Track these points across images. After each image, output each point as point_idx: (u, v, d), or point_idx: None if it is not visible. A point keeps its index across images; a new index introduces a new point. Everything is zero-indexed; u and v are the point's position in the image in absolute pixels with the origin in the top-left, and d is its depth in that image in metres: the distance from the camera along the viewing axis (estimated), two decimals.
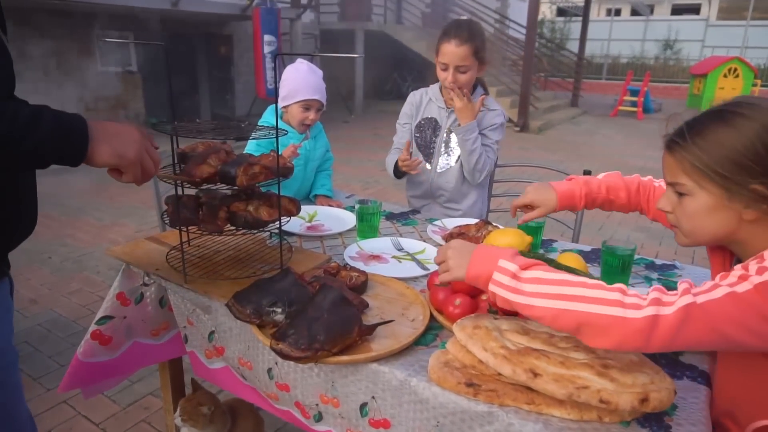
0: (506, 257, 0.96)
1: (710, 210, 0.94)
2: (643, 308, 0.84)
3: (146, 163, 1.09)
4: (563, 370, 0.92)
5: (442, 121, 2.12)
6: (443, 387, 1.01)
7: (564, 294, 0.89)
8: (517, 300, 0.93)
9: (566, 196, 1.42)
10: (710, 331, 0.82)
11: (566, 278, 0.91)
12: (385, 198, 5.30)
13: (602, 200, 1.44)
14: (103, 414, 2.14)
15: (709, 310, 0.83)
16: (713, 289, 0.85)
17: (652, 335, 0.83)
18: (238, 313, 1.16)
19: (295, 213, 1.49)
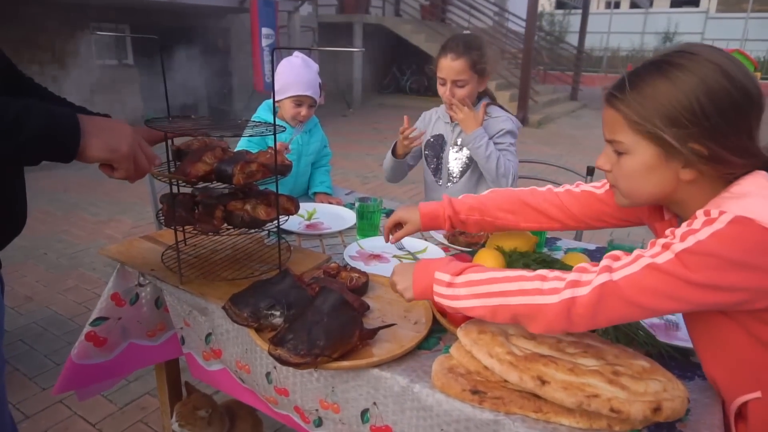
0: (441, 268, 1.01)
1: (648, 169, 0.91)
2: (561, 291, 0.87)
3: (139, 159, 1.06)
4: (572, 378, 0.89)
5: (448, 136, 2.08)
6: (447, 394, 0.97)
7: (492, 291, 0.93)
8: (457, 305, 0.98)
9: (429, 217, 1.35)
10: (628, 305, 0.84)
11: (492, 276, 0.95)
12: (385, 193, 5.26)
13: (475, 222, 1.31)
14: (99, 414, 2.11)
15: (625, 285, 0.83)
16: (634, 261, 0.85)
17: (571, 317, 0.86)
18: (235, 317, 1.13)
19: (293, 212, 1.45)
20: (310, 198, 2.17)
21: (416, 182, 5.85)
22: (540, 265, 1.24)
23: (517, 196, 1.29)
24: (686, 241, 0.81)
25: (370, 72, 12.79)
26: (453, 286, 0.98)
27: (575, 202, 1.23)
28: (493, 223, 1.29)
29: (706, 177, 0.88)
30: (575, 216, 1.23)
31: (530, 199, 1.28)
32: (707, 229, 0.81)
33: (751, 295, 0.81)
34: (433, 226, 1.36)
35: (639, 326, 1.12)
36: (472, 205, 1.31)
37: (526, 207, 1.27)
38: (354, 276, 1.31)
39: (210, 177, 1.27)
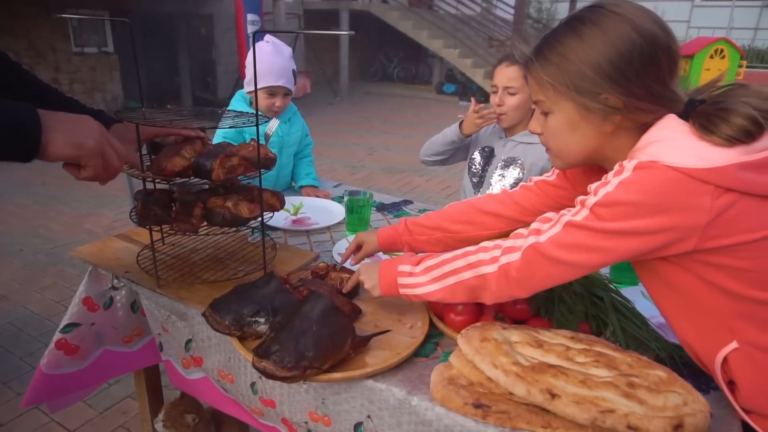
0: (404, 261, 1.04)
1: (571, 126, 0.93)
2: (499, 258, 0.91)
3: (109, 156, 0.96)
4: (585, 391, 0.82)
5: (498, 151, 1.99)
6: (448, 408, 0.90)
7: (446, 272, 0.97)
8: (420, 292, 1.00)
9: (387, 243, 1.30)
10: (555, 263, 0.86)
11: (444, 257, 0.99)
12: (373, 184, 5.18)
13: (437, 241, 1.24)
14: (78, 420, 2.02)
15: (549, 245, 0.86)
16: (558, 221, 0.87)
17: (510, 282, 0.90)
18: (216, 324, 1.04)
19: (278, 207, 1.36)
20: (295, 191, 2.07)
21: (405, 171, 5.78)
22: None
23: (471, 205, 1.25)
24: (598, 194, 0.83)
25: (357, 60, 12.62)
26: (414, 275, 1.01)
27: (530, 194, 1.20)
28: (455, 237, 1.23)
29: (625, 128, 0.90)
30: (534, 210, 1.18)
31: (484, 205, 1.24)
32: (615, 180, 0.82)
33: (674, 235, 0.80)
34: (390, 249, 1.31)
35: (647, 327, 1.05)
36: (430, 225, 1.26)
37: (481, 214, 1.23)
38: (344, 277, 1.22)
39: (188, 172, 1.17)
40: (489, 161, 2.00)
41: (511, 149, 1.93)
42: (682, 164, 0.77)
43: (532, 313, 1.07)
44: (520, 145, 1.91)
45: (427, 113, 9.46)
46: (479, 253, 0.94)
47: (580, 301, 1.06)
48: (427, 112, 9.61)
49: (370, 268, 1.11)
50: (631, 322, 1.05)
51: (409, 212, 1.85)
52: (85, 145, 0.91)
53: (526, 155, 1.90)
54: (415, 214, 1.84)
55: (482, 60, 10.63)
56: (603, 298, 1.08)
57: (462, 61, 10.61)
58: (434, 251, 1.24)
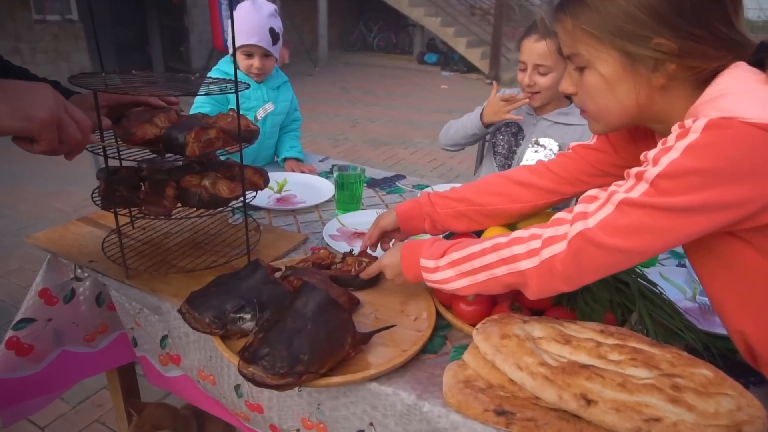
0: (425, 253, 0.92)
1: (614, 81, 0.79)
2: (539, 252, 0.78)
3: (67, 127, 0.82)
4: (625, 396, 0.71)
5: (528, 129, 1.77)
6: (465, 414, 0.79)
7: (476, 267, 0.85)
8: (450, 288, 0.89)
9: (406, 217, 1.15)
10: (609, 252, 0.73)
11: (471, 251, 0.86)
12: (357, 157, 5.01)
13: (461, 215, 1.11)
14: (49, 415, 1.88)
15: (601, 230, 0.73)
16: (608, 200, 0.74)
17: (556, 276, 0.77)
18: (195, 322, 0.91)
19: (261, 186, 1.22)
20: (278, 166, 1.92)
21: (390, 144, 5.62)
22: None
23: (500, 175, 1.14)
24: (659, 163, 0.69)
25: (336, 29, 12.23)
26: (439, 270, 0.90)
27: (567, 161, 1.07)
28: (481, 211, 1.10)
29: (680, 80, 0.76)
30: (571, 178, 1.06)
31: (515, 175, 1.12)
32: (681, 144, 0.68)
33: (755, 207, 0.68)
34: (411, 228, 1.16)
35: (679, 316, 0.95)
36: (455, 197, 1.12)
37: (511, 185, 1.10)
38: (364, 261, 1.10)
39: (157, 145, 1.02)
40: (517, 141, 1.80)
41: (544, 129, 1.73)
42: (766, 120, 0.64)
43: (553, 303, 0.95)
44: (556, 125, 1.71)
45: (409, 84, 9.25)
46: (513, 246, 0.81)
47: (605, 287, 0.95)
48: (409, 82, 9.39)
49: (392, 256, 0.99)
50: (661, 309, 0.94)
51: (403, 188, 1.72)
52: (35, 117, 0.77)
53: (562, 138, 1.70)
54: (409, 190, 1.71)
55: (464, 29, 10.38)
56: (628, 283, 0.97)
57: (444, 30, 10.34)
58: (458, 228, 1.13)
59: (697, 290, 1.12)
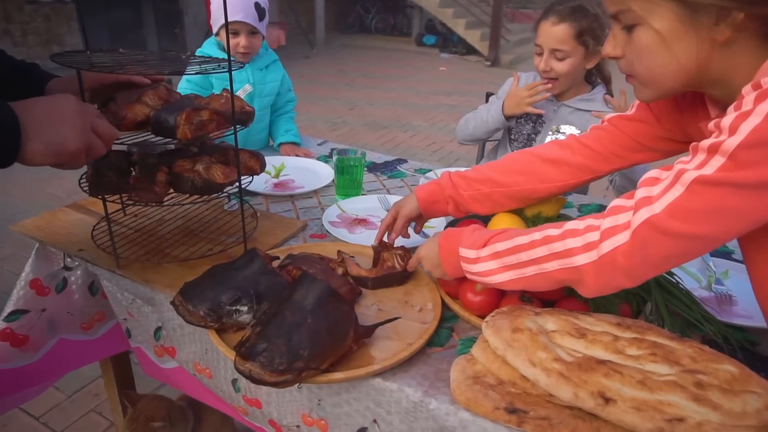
0: (464, 242, 0.85)
1: (671, 37, 0.70)
2: (599, 245, 0.69)
3: (94, 146, 0.82)
4: (645, 394, 0.67)
5: (548, 116, 1.68)
6: (475, 413, 0.75)
7: (523, 261, 0.78)
8: (493, 281, 0.82)
9: (427, 201, 1.07)
10: (681, 240, 0.64)
11: (517, 243, 0.79)
12: (356, 140, 4.95)
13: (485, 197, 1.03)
14: (44, 405, 1.85)
15: (671, 216, 0.63)
16: (677, 180, 0.64)
17: (616, 273, 0.69)
18: (189, 316, 0.86)
19: (258, 171, 1.17)
20: (274, 151, 1.86)
21: (388, 127, 5.54)
22: None
23: (528, 152, 1.06)
24: (738, 132, 0.59)
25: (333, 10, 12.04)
26: (480, 261, 0.82)
27: (603, 135, 0.99)
28: (506, 192, 1.03)
29: (748, 33, 0.66)
30: (607, 153, 0.98)
31: (545, 151, 1.03)
32: (762, 107, 0.58)
33: None
34: (434, 213, 1.10)
35: (697, 306, 0.90)
36: (478, 177, 1.05)
37: (541, 163, 1.02)
38: (398, 254, 1.04)
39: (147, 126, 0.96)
40: (536, 128, 1.71)
41: (565, 116, 1.65)
42: None
43: (564, 293, 0.91)
44: (577, 112, 1.63)
45: (408, 66, 9.12)
46: (567, 240, 0.72)
47: None
48: (407, 64, 9.26)
49: (430, 247, 0.93)
50: (678, 300, 0.90)
51: (405, 172, 1.67)
52: (65, 151, 0.77)
53: (584, 125, 1.61)
54: (411, 174, 1.66)
55: (464, 10, 10.21)
56: None
57: (443, 11, 10.17)
58: (482, 211, 1.05)
59: (713, 279, 1.08)
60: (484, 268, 0.82)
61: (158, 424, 1.26)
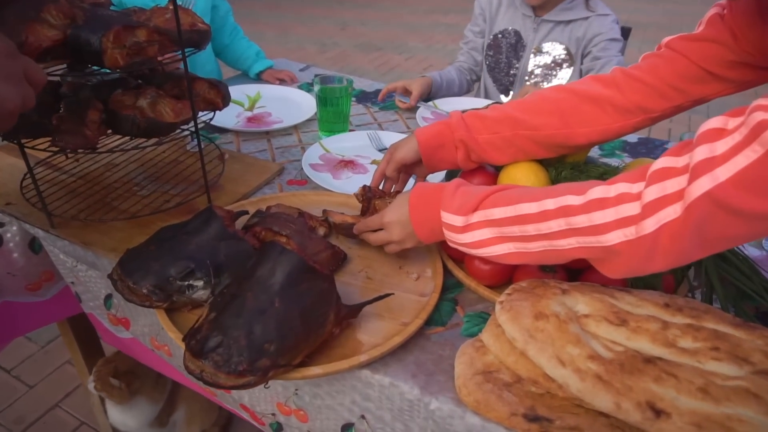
0: (447, 205, 0.68)
1: None
2: (639, 222, 0.52)
3: (27, 99, 0.58)
4: (709, 406, 0.52)
5: (527, 35, 1.46)
6: (486, 417, 0.60)
7: (530, 234, 0.61)
8: (485, 254, 0.67)
9: (431, 146, 0.86)
10: (755, 221, 0.47)
11: (523, 212, 0.61)
12: (347, 64, 4.61)
13: (506, 142, 0.83)
14: (16, 357, 1.73)
15: (739, 190, 0.46)
16: (755, 135, 0.46)
17: (657, 256, 0.52)
18: (129, 293, 0.69)
19: (220, 105, 0.96)
20: (248, 79, 1.63)
21: (382, 48, 5.17)
22: None
23: (564, 89, 0.83)
24: None
25: None
26: (470, 229, 0.66)
27: (660, 63, 0.77)
28: (534, 137, 0.82)
29: None
30: (663, 87, 0.76)
31: (585, 87, 0.82)
32: None
33: None
34: (438, 161, 0.88)
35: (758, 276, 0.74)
36: (498, 117, 0.83)
37: (579, 101, 0.81)
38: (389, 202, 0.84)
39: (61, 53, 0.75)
40: (517, 53, 1.50)
41: (547, 33, 1.44)
42: None
43: None
44: (559, 25, 1.42)
45: None
46: (594, 213, 0.54)
47: None
48: None
49: (398, 208, 0.74)
50: (733, 267, 0.74)
51: (399, 103, 1.45)
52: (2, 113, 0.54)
53: (568, 38, 1.42)
54: (405, 105, 1.44)
55: None
56: None
57: None
58: (501, 160, 0.84)
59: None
60: (474, 238, 0.66)
61: (115, 381, 1.14)
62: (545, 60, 1.45)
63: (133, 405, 1.21)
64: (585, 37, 1.41)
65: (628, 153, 1.18)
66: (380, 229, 0.77)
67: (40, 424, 1.52)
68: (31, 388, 1.63)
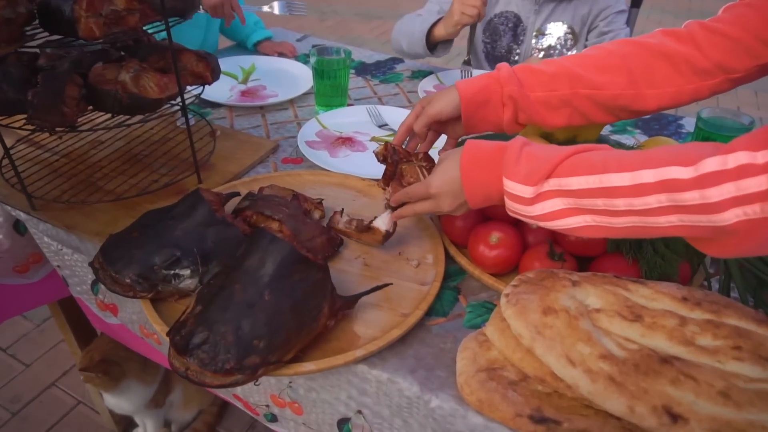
0: (511, 171, 0.58)
1: None
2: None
3: None
4: (730, 411, 0.48)
5: (527, 18, 1.36)
6: (490, 417, 0.57)
7: (620, 209, 0.52)
8: (555, 226, 0.58)
9: (475, 102, 0.74)
10: None
11: (618, 182, 0.51)
12: (346, 33, 4.49)
13: (561, 101, 0.73)
14: (11, 335, 1.72)
15: None
16: None
17: None
18: (112, 283, 0.65)
19: (209, 79, 0.90)
20: (242, 50, 1.55)
21: (383, 17, 5.02)
22: None
23: (634, 43, 0.72)
24: None
25: None
26: (540, 199, 0.57)
27: (748, 14, 0.67)
28: (596, 98, 0.72)
29: None
30: (750, 40, 0.66)
31: (656, 42, 0.71)
32: None
33: None
34: (479, 120, 0.76)
35: None
36: (555, 72, 0.73)
37: (650, 57, 0.71)
38: (423, 166, 0.74)
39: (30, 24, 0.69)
40: (517, 38, 1.39)
41: (550, 13, 1.34)
42: None
43: (609, 249, 0.69)
44: (561, 4, 1.32)
45: None
46: (709, 189, 0.46)
47: None
48: None
49: (446, 171, 0.64)
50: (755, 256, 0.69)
51: (402, 75, 1.39)
52: None
53: (572, 16, 1.32)
54: (407, 77, 1.38)
55: None
56: None
57: None
58: (555, 122, 0.74)
59: None
60: (544, 210, 0.57)
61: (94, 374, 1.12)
62: (548, 42, 1.37)
63: (122, 390, 1.18)
64: (591, 13, 1.32)
65: (641, 129, 1.12)
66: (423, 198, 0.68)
67: (37, 404, 1.50)
68: (27, 367, 1.61)
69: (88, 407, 1.50)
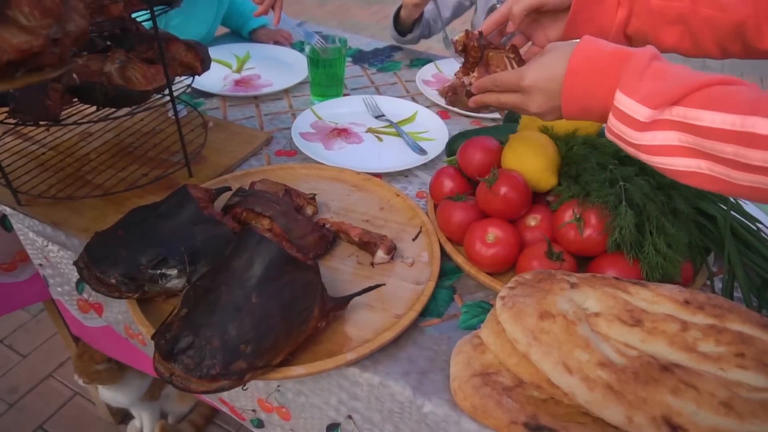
0: (629, 86, 0.49)
1: None
2: None
3: None
4: (732, 422, 0.46)
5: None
6: (484, 425, 0.55)
7: (752, 165, 0.44)
8: (659, 163, 0.50)
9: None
10: None
11: (758, 130, 0.42)
12: (346, 18, 4.42)
13: (679, 16, 0.64)
14: (8, 326, 1.71)
15: None
16: None
17: None
18: (97, 284, 0.64)
19: (199, 69, 0.87)
20: (237, 38, 1.52)
21: (383, 2, 4.94)
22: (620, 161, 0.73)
23: None
24: None
25: None
26: (654, 128, 0.49)
27: None
28: (713, 20, 0.62)
29: None
30: None
31: None
32: None
33: None
34: (587, 17, 0.67)
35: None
36: None
37: None
38: (511, 58, 0.67)
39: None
40: None
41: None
42: None
43: (608, 248, 0.67)
44: None
45: None
46: None
47: (683, 224, 0.67)
48: None
49: (551, 63, 0.56)
50: (758, 255, 0.67)
51: (400, 63, 1.36)
52: None
53: None
54: (405, 65, 1.35)
55: None
56: (716, 217, 0.69)
57: None
58: (662, 40, 0.65)
59: None
60: (654, 141, 0.49)
61: (99, 366, 1.10)
62: None
63: (124, 383, 1.17)
64: None
65: None
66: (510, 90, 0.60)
67: (34, 395, 1.50)
68: (25, 358, 1.60)
69: (84, 398, 1.49)
